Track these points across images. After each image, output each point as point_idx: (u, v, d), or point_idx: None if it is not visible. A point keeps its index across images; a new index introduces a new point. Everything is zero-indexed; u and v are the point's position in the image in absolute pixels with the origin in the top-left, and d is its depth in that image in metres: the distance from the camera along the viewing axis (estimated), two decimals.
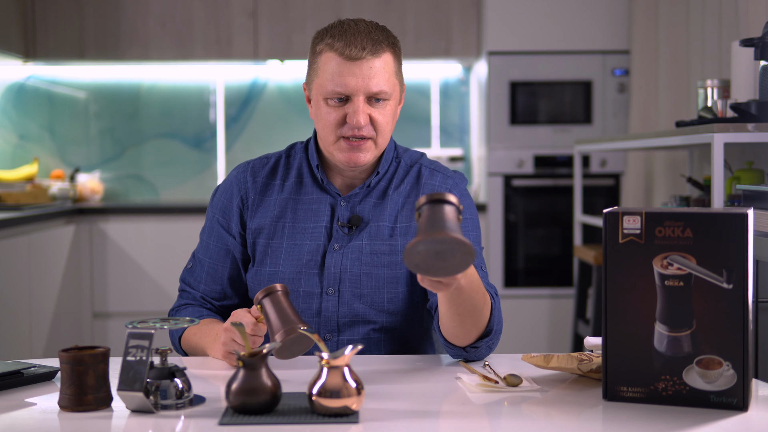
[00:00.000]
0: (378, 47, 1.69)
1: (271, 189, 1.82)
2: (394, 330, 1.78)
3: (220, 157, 4.91)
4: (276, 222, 1.79)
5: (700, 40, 3.64)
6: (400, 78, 1.77)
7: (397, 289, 1.76)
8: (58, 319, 4.00)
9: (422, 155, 1.87)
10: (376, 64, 1.69)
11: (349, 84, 1.68)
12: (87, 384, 1.30)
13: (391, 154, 1.83)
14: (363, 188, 1.79)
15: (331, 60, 1.69)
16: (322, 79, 1.71)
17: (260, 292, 1.51)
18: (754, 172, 2.79)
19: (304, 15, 4.56)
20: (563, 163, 4.38)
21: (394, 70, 1.73)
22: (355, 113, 1.68)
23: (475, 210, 1.82)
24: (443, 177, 1.83)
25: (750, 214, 1.27)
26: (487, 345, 1.61)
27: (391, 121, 1.74)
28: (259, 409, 1.26)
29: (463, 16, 4.58)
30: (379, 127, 1.71)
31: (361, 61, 1.68)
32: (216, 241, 1.83)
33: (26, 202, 4.36)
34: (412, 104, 4.89)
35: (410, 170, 1.83)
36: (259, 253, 1.79)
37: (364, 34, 1.69)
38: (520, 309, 4.34)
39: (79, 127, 4.88)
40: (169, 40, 4.58)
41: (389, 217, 1.78)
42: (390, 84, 1.71)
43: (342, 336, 1.76)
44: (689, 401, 1.29)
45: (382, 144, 1.75)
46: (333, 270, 1.75)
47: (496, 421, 1.29)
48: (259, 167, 1.84)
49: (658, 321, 1.29)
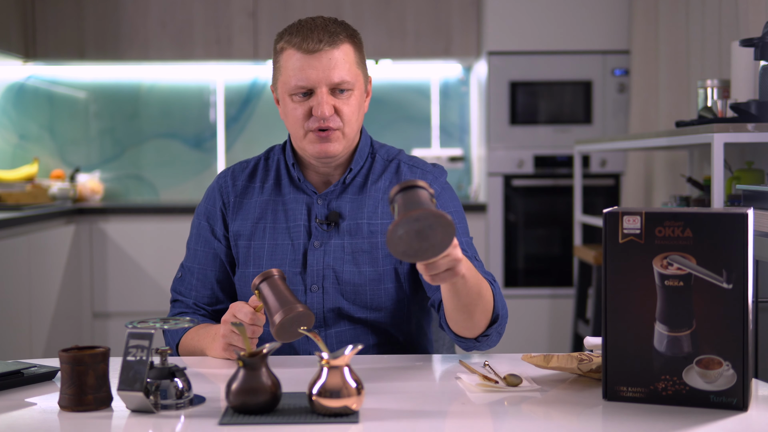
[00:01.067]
0: (335, 38, 1.72)
1: (251, 192, 1.85)
2: (379, 324, 1.79)
3: (220, 157, 4.91)
4: (256, 223, 1.82)
5: (700, 40, 3.64)
6: (363, 69, 1.79)
7: (380, 286, 1.77)
8: (58, 319, 4.00)
9: (400, 151, 1.89)
10: (335, 54, 1.71)
11: (310, 77, 1.71)
12: (87, 384, 1.30)
13: (367, 149, 1.85)
14: (338, 185, 1.80)
15: (291, 56, 1.73)
16: (285, 77, 1.74)
17: (257, 278, 1.54)
18: (754, 172, 2.79)
19: (304, 15, 4.51)
20: (563, 163, 4.38)
21: (355, 60, 1.75)
22: (319, 105, 1.71)
23: (458, 202, 1.82)
24: (422, 173, 1.84)
25: (750, 214, 1.27)
26: (497, 331, 1.63)
27: (357, 111, 1.76)
28: (259, 409, 1.26)
29: (463, 16, 4.58)
30: (344, 117, 1.73)
31: (320, 53, 1.71)
32: (203, 247, 1.85)
33: (26, 202, 4.36)
34: (412, 104, 4.89)
35: (389, 165, 1.84)
36: (242, 255, 1.81)
37: (320, 28, 1.73)
38: (520, 309, 4.34)
39: (79, 127, 4.88)
40: (169, 40, 4.58)
41: (368, 213, 1.79)
42: (352, 74, 1.73)
43: (329, 330, 1.77)
44: (689, 401, 1.29)
45: (350, 134, 1.76)
46: (315, 267, 1.77)
47: (496, 421, 1.29)
48: (238, 171, 1.87)
49: (658, 321, 1.29)
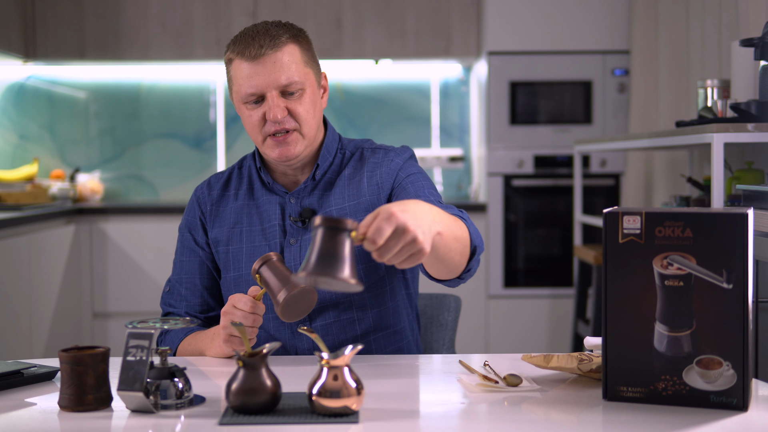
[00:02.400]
0: (276, 41, 1.73)
1: (226, 200, 1.88)
2: (364, 307, 1.79)
3: (220, 157, 4.91)
4: (232, 229, 1.84)
5: (700, 40, 3.64)
6: (314, 66, 1.80)
7: (358, 266, 1.76)
8: (58, 319, 4.00)
9: (367, 140, 1.90)
10: (279, 56, 1.73)
11: (258, 83, 1.73)
12: (87, 384, 1.30)
13: (335, 145, 1.86)
14: (308, 182, 1.82)
15: (239, 66, 1.76)
16: (236, 86, 1.77)
17: (256, 263, 1.56)
18: (754, 172, 2.79)
19: (304, 15, 4.56)
20: (563, 163, 4.38)
21: (301, 59, 1.76)
22: (271, 109, 1.72)
23: (424, 173, 1.83)
24: (384, 152, 1.85)
25: (750, 214, 1.27)
26: (477, 261, 1.62)
27: (312, 109, 1.77)
28: (259, 409, 1.26)
29: (463, 16, 4.58)
30: (299, 117, 1.75)
31: (263, 57, 1.72)
32: (189, 257, 1.87)
33: (26, 202, 4.36)
34: (412, 104, 4.89)
35: (353, 156, 1.86)
36: (222, 261, 1.84)
37: (262, 33, 1.74)
38: (520, 309, 4.34)
39: (79, 127, 4.88)
40: (169, 40, 4.58)
41: (336, 200, 1.80)
42: (300, 73, 1.74)
43: (315, 323, 1.78)
44: (689, 401, 1.29)
45: (309, 133, 1.77)
46: (293, 263, 1.78)
47: (496, 421, 1.29)
48: (214, 182, 1.91)
49: (658, 321, 1.29)
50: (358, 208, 1.79)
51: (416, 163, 1.86)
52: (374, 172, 1.82)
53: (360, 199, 1.80)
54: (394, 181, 1.81)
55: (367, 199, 1.80)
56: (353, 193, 1.81)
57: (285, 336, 1.79)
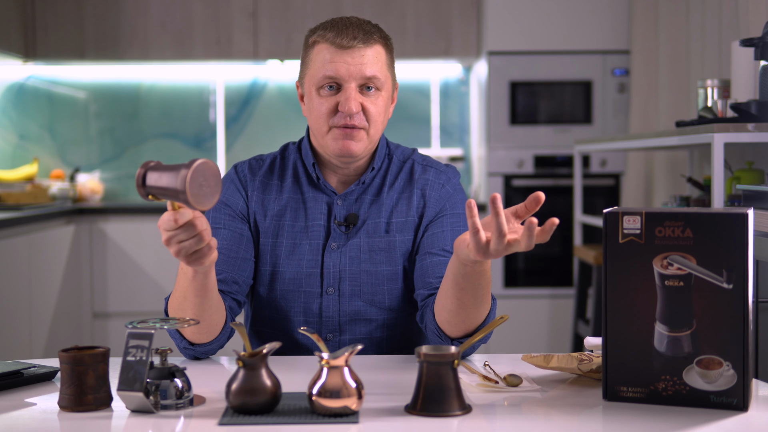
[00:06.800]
0: (369, 37, 1.71)
1: (270, 188, 1.81)
2: (395, 327, 1.78)
3: (220, 157, 4.91)
4: (276, 221, 1.78)
5: (700, 40, 3.64)
6: (393, 73, 1.78)
7: (397, 285, 1.76)
8: (58, 319, 4.00)
9: (414, 151, 1.88)
10: (368, 52, 1.71)
11: (340, 70, 1.69)
12: (87, 384, 1.30)
13: (384, 151, 1.84)
14: (358, 185, 1.79)
15: (323, 50, 1.71)
16: (313, 70, 1.72)
17: (137, 177, 1.37)
18: (754, 172, 2.80)
19: (304, 15, 4.56)
20: (563, 163, 4.38)
21: (386, 62, 1.74)
22: (347, 100, 1.69)
23: (463, 207, 1.77)
24: (436, 172, 1.83)
25: (750, 214, 1.26)
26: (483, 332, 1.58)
27: (383, 112, 1.74)
28: (259, 409, 1.26)
29: (463, 16, 4.58)
30: (371, 117, 1.72)
31: (352, 49, 1.70)
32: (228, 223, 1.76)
33: (26, 202, 4.36)
34: (412, 104, 4.89)
35: (403, 166, 1.83)
36: (260, 252, 1.78)
37: (355, 26, 1.72)
38: (520, 309, 4.34)
39: (79, 127, 4.88)
40: (169, 40, 4.58)
41: (385, 213, 1.78)
42: (383, 73, 1.72)
43: (344, 336, 1.76)
44: (689, 401, 1.29)
45: (374, 136, 1.75)
46: (332, 269, 1.75)
47: (496, 421, 1.29)
48: (256, 167, 1.83)
49: (658, 321, 1.29)
50: (405, 226, 1.78)
51: (462, 191, 1.84)
52: (424, 191, 1.80)
53: (408, 218, 1.78)
54: (439, 211, 1.79)
55: (414, 219, 1.79)
56: (403, 210, 1.79)
57: (285, 336, 1.78)
